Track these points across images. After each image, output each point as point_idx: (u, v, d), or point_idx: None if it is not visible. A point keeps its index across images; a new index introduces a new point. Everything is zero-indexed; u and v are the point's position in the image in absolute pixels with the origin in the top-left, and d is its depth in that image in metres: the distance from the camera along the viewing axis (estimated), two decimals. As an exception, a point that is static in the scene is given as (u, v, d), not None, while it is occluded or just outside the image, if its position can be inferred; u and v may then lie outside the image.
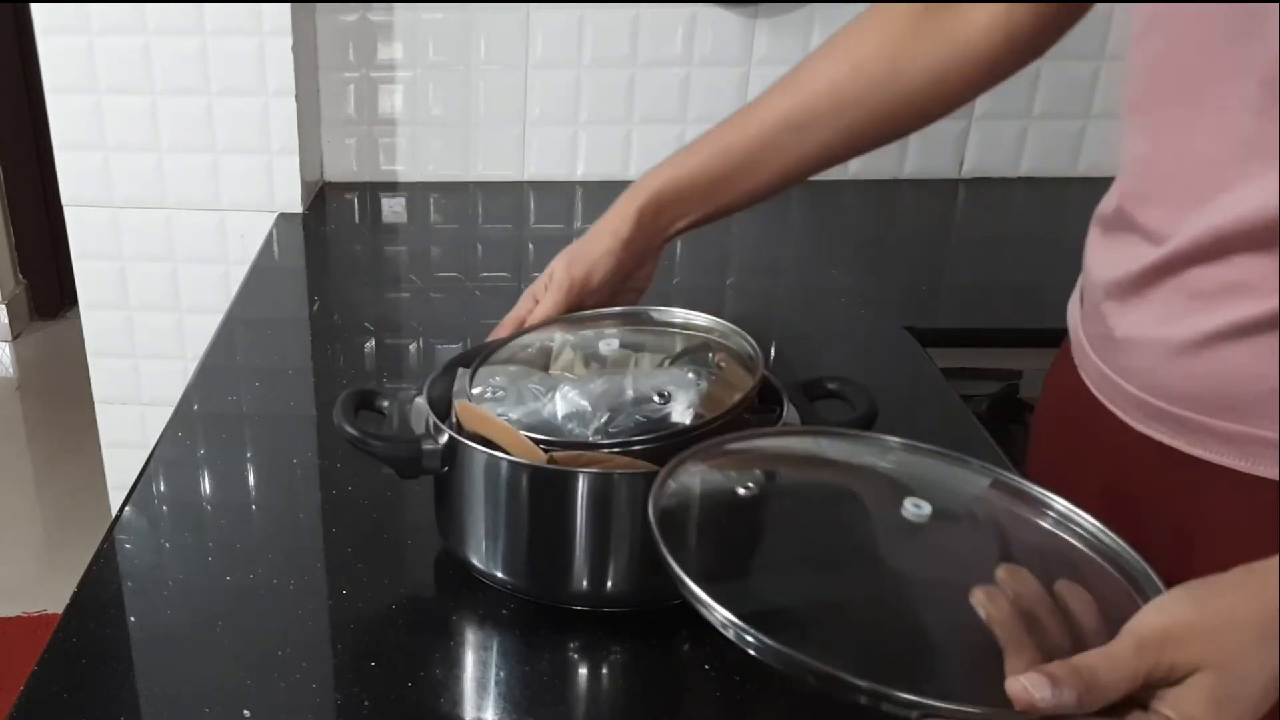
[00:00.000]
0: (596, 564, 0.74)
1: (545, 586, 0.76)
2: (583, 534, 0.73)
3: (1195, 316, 0.67)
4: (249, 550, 0.86)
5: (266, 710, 0.69)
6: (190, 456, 0.99)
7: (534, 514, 0.74)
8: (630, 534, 0.72)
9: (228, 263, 1.63)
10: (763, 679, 0.70)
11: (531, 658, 0.73)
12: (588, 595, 0.75)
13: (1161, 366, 0.71)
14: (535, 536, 0.75)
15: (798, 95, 0.87)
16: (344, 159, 1.71)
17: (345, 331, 1.27)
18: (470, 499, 0.76)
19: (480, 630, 0.76)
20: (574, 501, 0.72)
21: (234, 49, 1.51)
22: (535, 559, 0.76)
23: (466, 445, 0.74)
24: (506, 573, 0.77)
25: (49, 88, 1.56)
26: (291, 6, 1.48)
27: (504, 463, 0.73)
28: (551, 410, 0.75)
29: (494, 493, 0.75)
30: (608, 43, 1.62)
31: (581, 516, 0.72)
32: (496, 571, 0.77)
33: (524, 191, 1.70)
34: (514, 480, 0.73)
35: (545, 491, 0.73)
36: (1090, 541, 0.61)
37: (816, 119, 0.87)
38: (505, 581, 0.77)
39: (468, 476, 0.76)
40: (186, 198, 1.60)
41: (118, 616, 0.79)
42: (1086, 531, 0.62)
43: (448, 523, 0.81)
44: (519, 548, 0.76)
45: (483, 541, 0.77)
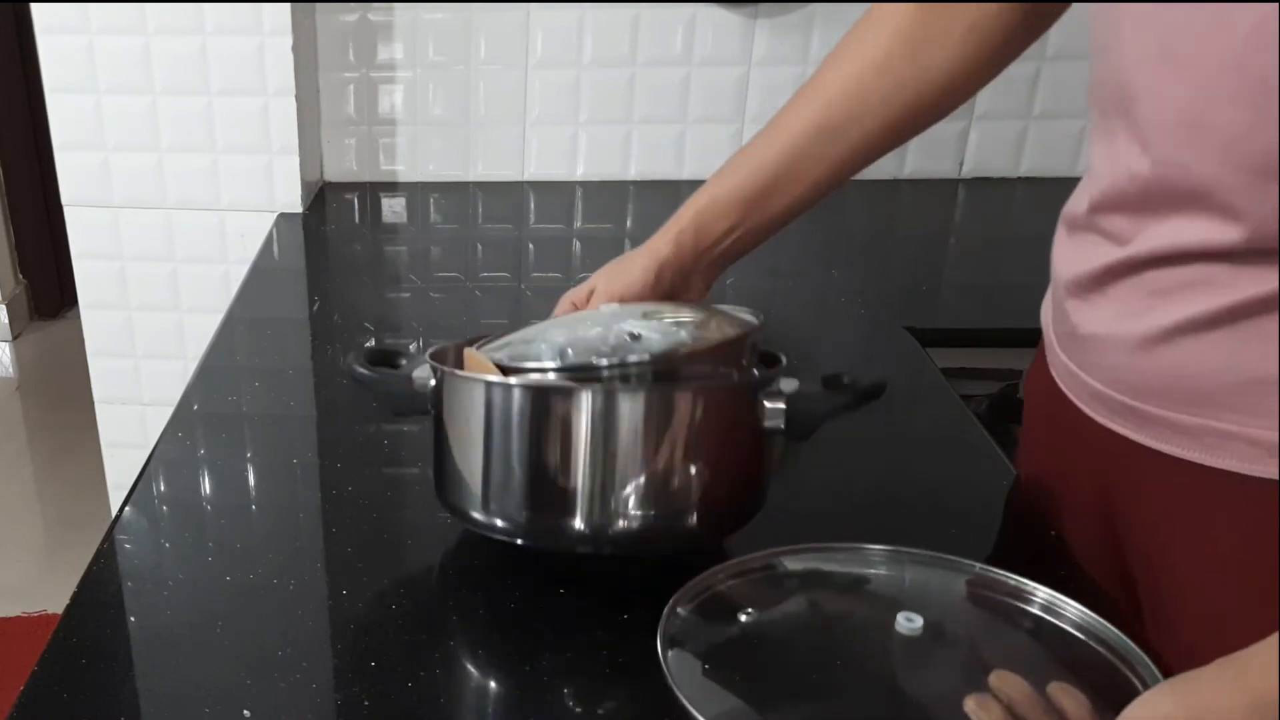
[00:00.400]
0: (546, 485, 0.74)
1: (513, 516, 0.76)
2: (536, 454, 0.73)
3: (1154, 312, 0.68)
4: (249, 550, 0.86)
5: (266, 710, 0.69)
6: (190, 456, 0.99)
7: (489, 434, 0.74)
8: (578, 454, 0.72)
9: (228, 263, 1.63)
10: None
11: (532, 658, 0.73)
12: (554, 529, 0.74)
13: (1123, 362, 0.72)
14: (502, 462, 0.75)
15: (822, 102, 0.87)
16: (344, 159, 1.71)
17: (345, 331, 1.27)
18: (451, 431, 0.77)
19: (481, 630, 0.76)
20: (518, 417, 0.73)
21: (234, 49, 1.51)
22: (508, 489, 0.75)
23: (448, 370, 0.75)
24: (478, 509, 0.76)
25: (49, 88, 1.56)
26: (291, 6, 1.48)
27: (458, 380, 0.74)
28: (538, 350, 0.76)
29: (457, 415, 0.76)
30: (608, 43, 1.62)
31: (529, 435, 0.72)
32: (471, 510, 0.77)
33: (524, 191, 1.70)
34: (465, 398, 0.75)
35: (491, 407, 0.73)
36: (1082, 627, 0.64)
37: (845, 123, 0.86)
38: (484, 524, 0.77)
39: (445, 406, 0.76)
40: (186, 198, 1.60)
41: (118, 616, 0.79)
42: (1075, 618, 0.64)
43: (437, 468, 0.80)
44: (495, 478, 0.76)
45: (459, 479, 0.77)
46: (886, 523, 0.90)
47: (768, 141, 0.89)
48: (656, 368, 0.73)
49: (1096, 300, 0.74)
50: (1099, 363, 0.75)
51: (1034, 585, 0.67)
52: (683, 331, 0.76)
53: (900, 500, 0.93)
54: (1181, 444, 0.69)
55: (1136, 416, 0.72)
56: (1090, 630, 0.63)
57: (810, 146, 0.87)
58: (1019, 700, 0.57)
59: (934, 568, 0.69)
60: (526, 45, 1.63)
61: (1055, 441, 0.84)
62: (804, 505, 0.92)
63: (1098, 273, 0.72)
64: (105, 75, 1.53)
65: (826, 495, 0.94)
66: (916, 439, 1.04)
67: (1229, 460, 0.67)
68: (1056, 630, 0.64)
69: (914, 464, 0.98)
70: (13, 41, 3.24)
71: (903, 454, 1.00)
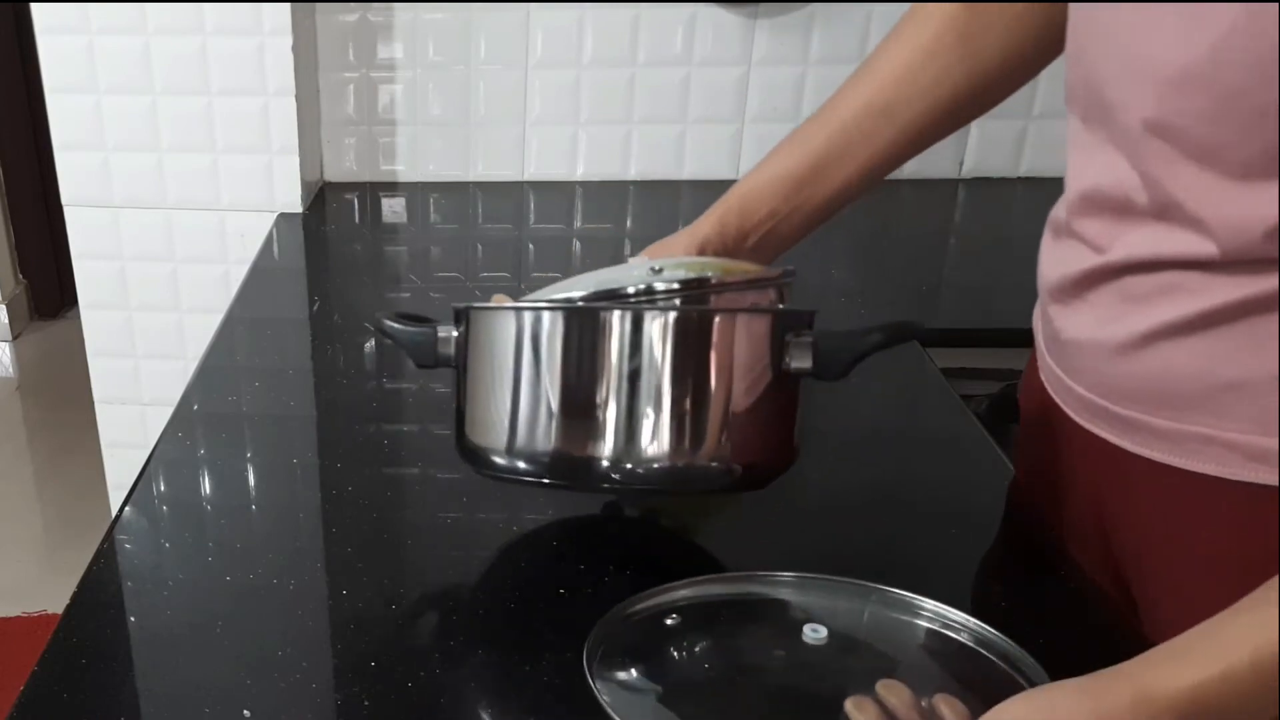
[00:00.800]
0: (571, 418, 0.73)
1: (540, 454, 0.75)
2: (563, 381, 0.73)
3: (1130, 318, 0.69)
4: (249, 550, 0.86)
5: (266, 710, 0.69)
6: (190, 456, 0.99)
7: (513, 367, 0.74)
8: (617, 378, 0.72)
9: (228, 263, 1.63)
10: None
11: (532, 658, 0.73)
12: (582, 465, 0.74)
13: (1104, 367, 0.72)
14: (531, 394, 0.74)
15: (876, 82, 0.86)
16: (344, 159, 1.71)
17: (345, 331, 1.27)
18: (476, 371, 0.77)
19: (481, 631, 0.76)
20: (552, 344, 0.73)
21: (234, 49, 1.51)
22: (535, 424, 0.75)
23: (471, 306, 0.76)
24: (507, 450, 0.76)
25: (49, 88, 1.56)
26: (291, 6, 1.48)
27: (476, 312, 0.75)
28: (566, 290, 0.76)
29: (491, 352, 0.76)
30: (608, 43, 1.62)
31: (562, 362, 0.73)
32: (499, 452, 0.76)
33: (524, 191, 1.70)
34: (488, 329, 0.75)
35: (527, 336, 0.73)
36: (985, 643, 0.68)
37: (894, 105, 0.85)
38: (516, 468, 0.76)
39: (471, 348, 0.77)
40: (186, 198, 1.60)
41: (118, 616, 0.79)
42: (976, 634, 0.68)
43: (461, 422, 0.79)
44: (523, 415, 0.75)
45: (486, 420, 0.77)
46: (886, 522, 0.90)
47: (818, 125, 0.88)
48: (684, 295, 0.73)
49: (1077, 305, 0.74)
50: (1081, 368, 0.75)
51: (938, 605, 0.70)
52: (709, 269, 0.76)
53: (900, 500, 0.93)
54: (1162, 449, 0.70)
55: (1119, 421, 0.73)
56: (995, 647, 0.67)
57: (859, 128, 0.86)
58: (898, 706, 0.60)
59: (843, 590, 0.73)
60: (526, 45, 1.63)
61: (1048, 444, 0.84)
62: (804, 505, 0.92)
63: (1077, 278, 0.73)
64: (105, 75, 1.53)
65: (826, 495, 0.94)
66: (916, 439, 1.04)
67: (1208, 465, 0.67)
68: (957, 644, 0.68)
69: (914, 464, 0.98)
70: (13, 41, 3.24)
71: (903, 454, 1.00)
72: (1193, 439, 0.68)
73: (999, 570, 0.85)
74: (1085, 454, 0.78)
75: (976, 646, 0.68)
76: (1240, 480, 0.66)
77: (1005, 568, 0.85)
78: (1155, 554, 0.75)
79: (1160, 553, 0.74)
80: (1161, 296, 0.67)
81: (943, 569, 0.83)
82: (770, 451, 0.77)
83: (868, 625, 0.71)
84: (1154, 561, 0.75)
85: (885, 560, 0.84)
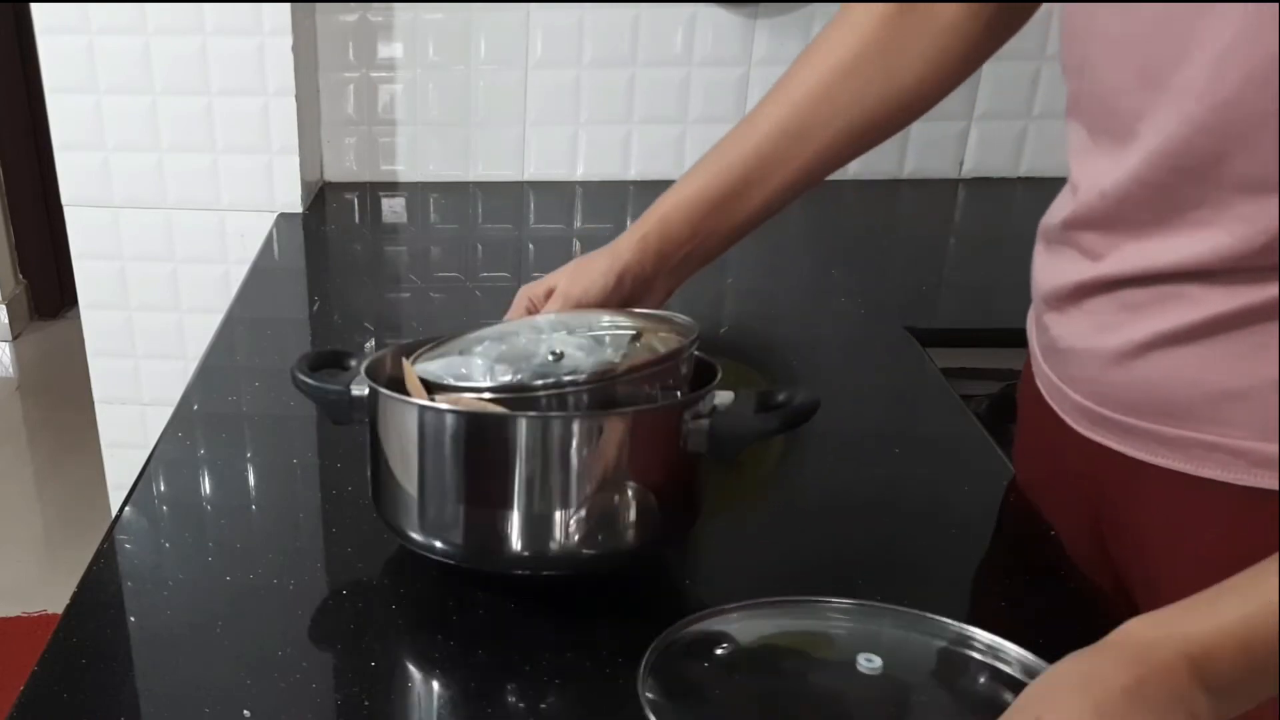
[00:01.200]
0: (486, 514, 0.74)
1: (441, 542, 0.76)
2: (455, 476, 0.74)
3: (1127, 326, 0.69)
4: (249, 550, 0.86)
5: (266, 710, 0.69)
6: (190, 456, 0.99)
7: (416, 456, 0.75)
8: (509, 478, 0.72)
9: (228, 263, 1.63)
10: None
11: (532, 658, 0.73)
12: (480, 551, 0.75)
13: (1101, 374, 0.72)
14: (427, 485, 0.75)
15: (792, 103, 0.87)
16: (344, 159, 1.71)
17: (345, 331, 1.27)
18: (380, 449, 0.78)
19: (481, 631, 0.76)
20: (443, 441, 0.73)
21: (234, 49, 1.51)
22: (433, 512, 0.76)
23: (377, 389, 0.76)
24: (413, 529, 0.77)
25: (49, 88, 1.56)
26: (291, 6, 1.48)
27: (384, 399, 0.74)
28: (468, 366, 0.76)
29: (391, 438, 0.76)
30: (608, 43, 1.62)
31: (453, 458, 0.73)
32: (406, 529, 0.77)
33: (524, 191, 1.70)
34: (392, 418, 0.75)
35: (416, 430, 0.74)
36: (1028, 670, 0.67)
37: (813, 126, 0.86)
38: (416, 541, 0.77)
39: (378, 423, 0.77)
40: (186, 198, 1.60)
41: (118, 616, 0.79)
42: (1028, 667, 0.67)
43: (373, 484, 0.81)
44: (420, 500, 0.76)
45: (390, 497, 0.78)
46: (886, 522, 0.90)
47: (734, 146, 0.89)
48: (588, 388, 0.72)
49: (1072, 313, 0.74)
50: (1078, 375, 0.75)
51: (993, 637, 0.69)
52: (612, 350, 0.76)
53: (900, 500, 0.93)
54: (1163, 455, 0.70)
55: (1117, 428, 0.73)
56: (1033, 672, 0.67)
57: (775, 151, 0.87)
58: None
59: (896, 619, 0.72)
60: (526, 45, 1.63)
61: (1046, 447, 0.84)
62: (804, 506, 0.92)
63: (1072, 287, 0.73)
64: (105, 75, 1.53)
65: (826, 495, 0.94)
66: (916, 439, 1.04)
67: (1213, 470, 0.67)
68: (1007, 679, 0.67)
69: (914, 464, 0.98)
70: (13, 41, 3.24)
71: (902, 454, 1.00)
72: (1194, 445, 0.68)
73: (998, 571, 0.85)
74: (1083, 457, 0.78)
75: (1027, 680, 0.67)
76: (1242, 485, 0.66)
77: (1004, 568, 0.85)
78: (1155, 556, 0.75)
79: (1160, 555, 0.74)
80: (1160, 305, 0.67)
81: (942, 569, 0.83)
82: (672, 522, 0.78)
83: (922, 657, 0.71)
84: (1154, 564, 0.75)
85: (885, 560, 0.84)
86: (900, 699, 0.67)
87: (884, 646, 0.68)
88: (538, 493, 0.73)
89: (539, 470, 0.72)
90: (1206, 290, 0.64)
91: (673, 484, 0.77)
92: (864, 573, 0.79)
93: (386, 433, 0.77)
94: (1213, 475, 0.67)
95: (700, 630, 0.70)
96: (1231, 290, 0.63)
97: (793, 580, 0.77)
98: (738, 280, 1.45)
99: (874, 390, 1.13)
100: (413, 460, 0.75)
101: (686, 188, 0.89)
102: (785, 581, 0.76)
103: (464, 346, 0.79)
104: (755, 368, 1.18)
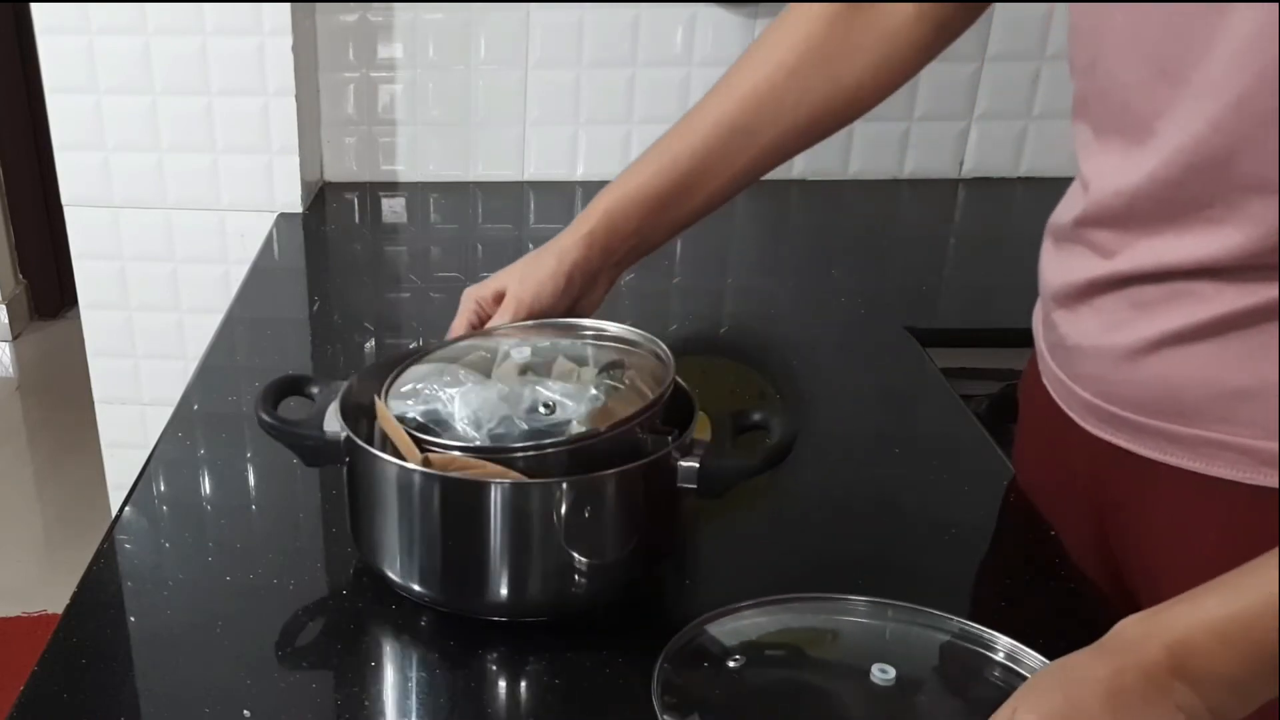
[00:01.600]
0: (466, 566, 0.73)
1: (420, 586, 0.76)
2: (445, 536, 0.73)
3: (1138, 324, 0.69)
4: (249, 550, 0.86)
5: (266, 710, 0.69)
6: (190, 456, 0.99)
7: (403, 514, 0.74)
8: (494, 541, 0.72)
9: (228, 263, 1.63)
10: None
11: (533, 658, 0.73)
12: (461, 598, 0.75)
13: (1110, 373, 0.72)
14: (408, 536, 0.75)
15: (736, 100, 0.87)
16: (344, 159, 1.71)
17: (345, 331, 1.27)
18: (361, 496, 0.77)
19: (481, 631, 0.76)
20: (435, 504, 0.72)
21: (234, 49, 1.51)
22: (414, 560, 0.75)
23: (355, 441, 0.74)
24: (393, 572, 0.76)
25: (49, 88, 1.56)
26: (291, 6, 1.48)
27: (371, 458, 0.73)
28: (449, 411, 0.74)
29: (370, 488, 0.75)
30: (608, 43, 1.62)
31: (445, 521, 0.72)
32: (387, 570, 0.77)
33: (524, 191, 1.70)
34: (380, 476, 0.73)
35: (407, 491, 0.73)
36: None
37: (757, 124, 0.86)
38: (395, 582, 0.77)
39: (358, 472, 0.76)
40: (186, 198, 1.60)
41: (118, 616, 0.79)
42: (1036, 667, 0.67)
43: (351, 521, 0.80)
44: (401, 548, 0.75)
45: (370, 541, 0.77)
46: (886, 523, 0.90)
47: (680, 141, 0.89)
48: (577, 445, 0.72)
49: (1082, 311, 0.74)
50: (1087, 373, 0.75)
51: (1000, 636, 0.69)
52: (600, 395, 0.75)
53: (900, 500, 0.93)
54: (1173, 453, 0.70)
55: (1127, 426, 0.72)
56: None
57: (721, 147, 0.87)
58: None
59: (909, 621, 0.72)
60: (526, 45, 1.63)
61: (1049, 446, 0.84)
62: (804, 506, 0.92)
63: (1083, 285, 0.73)
64: (105, 75, 1.53)
65: (827, 495, 0.94)
66: (916, 439, 1.04)
67: (1222, 469, 0.67)
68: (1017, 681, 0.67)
69: (913, 464, 0.98)
70: (13, 41, 3.24)
71: (903, 454, 1.00)
72: (1204, 444, 0.67)
73: (998, 571, 0.85)
74: (1087, 455, 0.78)
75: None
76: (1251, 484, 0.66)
77: (1005, 568, 0.85)
78: (1159, 555, 0.75)
79: (1164, 554, 0.74)
80: (1171, 303, 0.66)
81: (942, 569, 0.83)
82: (654, 555, 0.79)
83: (937, 663, 0.70)
84: (1158, 563, 0.75)
85: (885, 561, 0.84)
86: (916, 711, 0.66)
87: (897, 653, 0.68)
88: (528, 549, 0.72)
89: (526, 530, 0.72)
90: (1218, 288, 0.64)
91: (658, 522, 0.77)
92: (864, 573, 0.79)
93: (370, 484, 0.75)
94: (1222, 474, 0.67)
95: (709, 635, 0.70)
96: (1242, 288, 0.63)
97: (793, 581, 0.76)
98: (738, 280, 1.45)
99: (874, 390, 1.13)
100: (397, 513, 0.74)
101: (630, 183, 0.90)
102: (786, 582, 0.76)
103: (436, 383, 0.77)
104: (755, 368, 1.18)
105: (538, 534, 0.72)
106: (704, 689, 0.67)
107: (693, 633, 0.69)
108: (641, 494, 0.74)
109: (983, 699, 0.64)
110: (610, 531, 0.74)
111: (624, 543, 0.75)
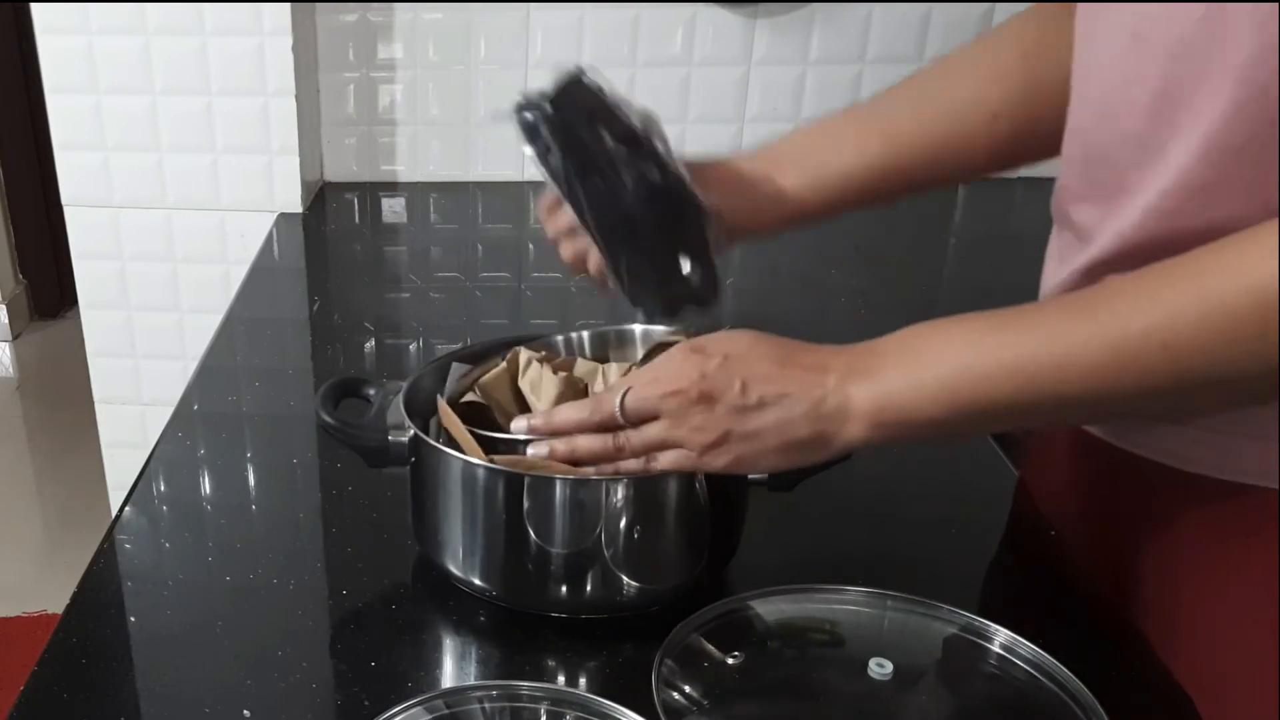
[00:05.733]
0: (532, 563, 0.74)
1: (483, 581, 0.76)
2: (512, 533, 0.73)
3: None
4: (249, 550, 0.86)
5: (266, 710, 0.69)
6: (190, 456, 0.99)
7: (470, 510, 0.74)
8: (555, 534, 0.72)
9: (228, 263, 1.63)
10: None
11: (533, 658, 0.73)
12: (525, 594, 0.75)
13: None
14: (473, 533, 0.75)
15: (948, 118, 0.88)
16: (344, 159, 1.71)
17: (345, 331, 1.27)
18: (427, 493, 0.77)
19: (481, 631, 0.76)
20: (501, 499, 0.72)
21: (234, 49, 1.51)
22: (478, 556, 0.76)
23: (422, 438, 0.75)
24: (456, 567, 0.76)
25: (49, 88, 1.56)
26: (291, 6, 1.48)
27: (443, 456, 0.73)
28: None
29: (440, 487, 0.75)
30: (608, 43, 1.62)
31: (509, 515, 0.72)
32: (450, 566, 0.77)
33: (524, 191, 1.70)
34: (449, 474, 0.74)
35: (476, 488, 0.73)
36: (1050, 677, 0.67)
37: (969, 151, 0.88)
38: (457, 577, 0.77)
39: (424, 470, 0.76)
40: (186, 198, 1.60)
41: (118, 616, 0.79)
42: (1034, 661, 0.67)
43: (415, 518, 0.80)
44: (465, 544, 0.76)
45: (435, 537, 0.77)
46: (888, 523, 0.90)
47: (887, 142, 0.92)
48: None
49: None
50: None
51: (997, 628, 0.69)
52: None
53: (900, 501, 0.93)
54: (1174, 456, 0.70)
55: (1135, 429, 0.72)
56: (1054, 677, 0.67)
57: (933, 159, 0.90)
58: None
59: (908, 611, 0.73)
60: (527, 45, 1.63)
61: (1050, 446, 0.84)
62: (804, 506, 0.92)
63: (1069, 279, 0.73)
64: (105, 75, 1.53)
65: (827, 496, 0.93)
66: (916, 439, 1.04)
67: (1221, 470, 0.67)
68: (1024, 677, 0.68)
69: (914, 465, 0.98)
70: (13, 41, 3.24)
71: (904, 455, 1.00)
72: (1204, 445, 0.67)
73: (1001, 571, 0.85)
74: (1088, 456, 0.78)
75: (1041, 678, 0.67)
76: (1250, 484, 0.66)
77: (1007, 569, 0.85)
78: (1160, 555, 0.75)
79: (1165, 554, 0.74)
80: None
81: (942, 569, 0.83)
82: (721, 553, 0.79)
83: (934, 656, 0.71)
84: (1158, 563, 0.75)
85: (885, 561, 0.84)
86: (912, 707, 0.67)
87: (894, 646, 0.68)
88: (597, 546, 0.72)
89: (595, 525, 0.71)
90: None
91: (726, 519, 0.77)
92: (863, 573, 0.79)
93: (437, 481, 0.75)
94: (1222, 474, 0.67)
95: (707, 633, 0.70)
96: None
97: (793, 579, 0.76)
98: (738, 280, 1.45)
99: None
100: (464, 510, 0.74)
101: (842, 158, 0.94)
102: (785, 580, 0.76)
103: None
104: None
105: (605, 530, 0.72)
106: (701, 686, 0.67)
107: (688, 628, 0.69)
108: (711, 489, 0.73)
109: (979, 692, 0.64)
110: (678, 525, 0.74)
111: (693, 539, 0.75)
